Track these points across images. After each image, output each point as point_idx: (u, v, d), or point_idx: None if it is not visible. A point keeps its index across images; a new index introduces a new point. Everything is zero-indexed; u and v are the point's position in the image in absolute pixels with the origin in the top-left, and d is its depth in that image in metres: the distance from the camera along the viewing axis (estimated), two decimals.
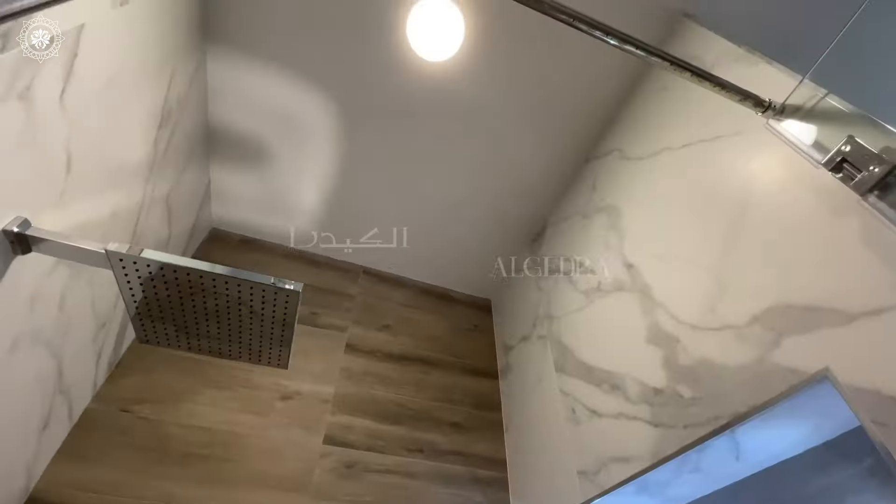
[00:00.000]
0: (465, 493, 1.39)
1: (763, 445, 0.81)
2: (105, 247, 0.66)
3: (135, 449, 1.15)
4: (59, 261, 0.88)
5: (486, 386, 1.72)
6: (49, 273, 0.86)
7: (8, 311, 0.78)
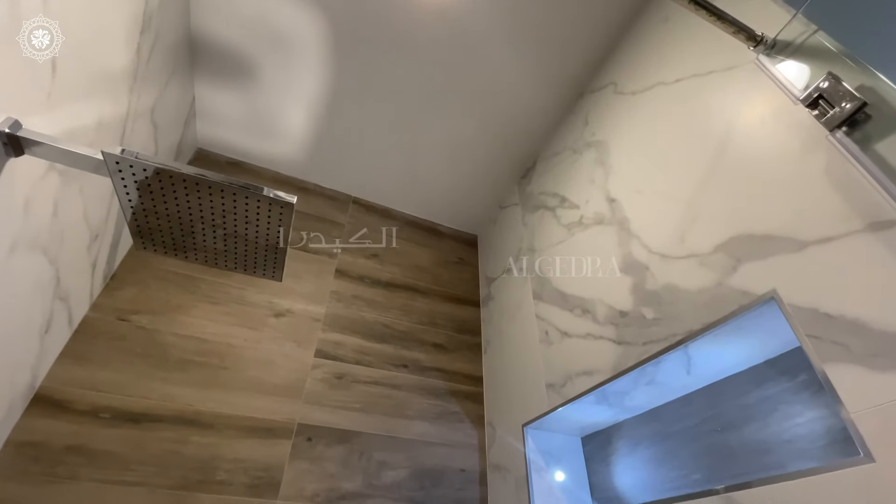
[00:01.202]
0: (443, 404, 1.52)
1: (712, 361, 0.91)
2: (102, 149, 0.67)
3: (134, 354, 1.22)
4: (51, 167, 0.88)
5: (467, 313, 1.82)
6: (41, 178, 0.86)
7: (4, 213, 0.80)
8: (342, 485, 1.25)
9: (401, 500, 1.29)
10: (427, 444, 1.42)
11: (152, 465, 1.09)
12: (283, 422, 1.27)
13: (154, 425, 1.14)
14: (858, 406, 0.57)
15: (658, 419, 1.10)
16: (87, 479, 1.03)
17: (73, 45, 0.85)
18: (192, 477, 1.11)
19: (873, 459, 0.54)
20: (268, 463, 1.20)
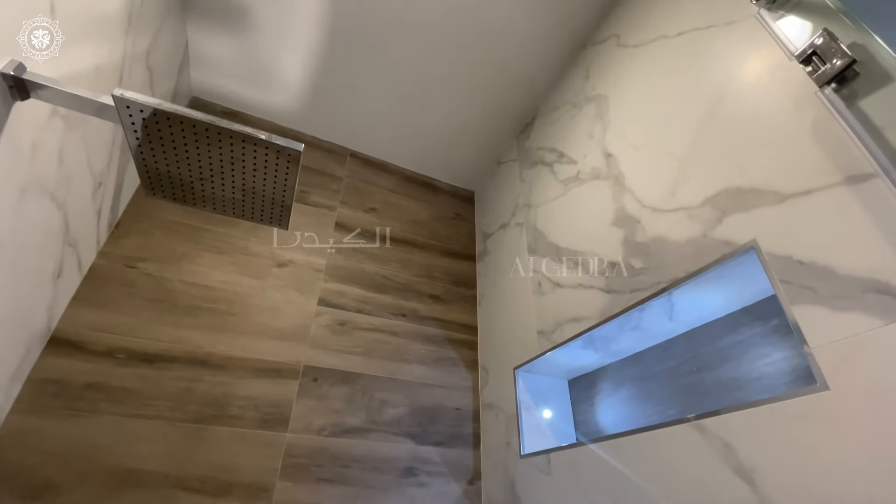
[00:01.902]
0: (440, 350, 1.61)
1: (692, 308, 0.98)
2: (113, 92, 0.67)
3: (144, 300, 1.27)
4: (55, 112, 0.89)
5: (464, 267, 1.87)
6: (46, 123, 0.87)
7: (13, 158, 0.81)
8: (346, 420, 1.34)
9: (401, 434, 1.40)
10: (425, 385, 1.52)
11: (168, 401, 1.17)
12: (290, 364, 1.35)
13: (167, 365, 1.21)
14: (819, 342, 0.63)
15: (640, 362, 1.18)
16: (107, 413, 1.11)
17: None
18: (207, 412, 1.19)
19: (828, 388, 0.61)
20: (277, 400, 1.28)
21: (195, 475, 1.11)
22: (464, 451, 1.46)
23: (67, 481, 1.01)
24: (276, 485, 1.18)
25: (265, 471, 1.18)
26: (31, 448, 1.02)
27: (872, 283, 0.59)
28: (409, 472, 1.35)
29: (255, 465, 1.18)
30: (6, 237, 0.85)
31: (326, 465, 1.26)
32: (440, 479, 1.38)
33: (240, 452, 1.18)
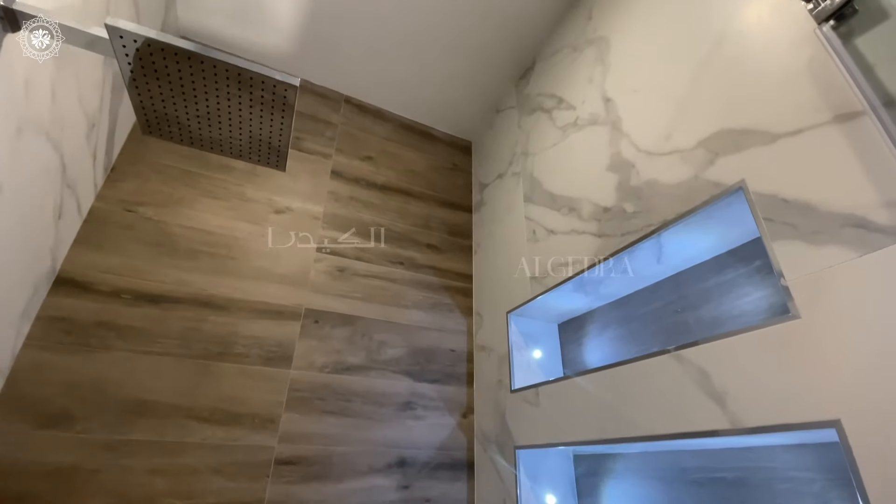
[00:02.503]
0: (436, 297, 1.66)
1: (680, 250, 1.01)
2: (106, 21, 0.66)
3: (145, 243, 1.29)
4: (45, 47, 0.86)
5: (460, 217, 1.89)
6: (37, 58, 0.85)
7: (8, 94, 0.80)
8: (347, 359, 1.41)
9: (399, 372, 1.47)
10: (422, 328, 1.58)
11: (175, 339, 1.22)
12: (292, 306, 1.40)
13: (172, 306, 1.25)
14: (794, 275, 0.67)
15: (627, 305, 1.24)
16: (118, 350, 1.16)
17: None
18: (213, 349, 1.25)
19: (799, 317, 0.66)
20: (280, 340, 1.34)
21: (205, 406, 1.18)
22: (458, 388, 1.55)
23: (83, 411, 1.08)
24: (283, 416, 1.26)
25: (271, 403, 1.26)
26: (45, 380, 1.07)
27: (851, 217, 0.63)
28: (407, 406, 1.44)
29: (262, 398, 1.25)
30: (6, 177, 0.85)
31: (329, 399, 1.34)
32: (436, 412, 1.47)
33: (246, 386, 1.25)
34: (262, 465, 1.19)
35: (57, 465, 1.02)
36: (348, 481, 1.27)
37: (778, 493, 0.81)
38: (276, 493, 1.17)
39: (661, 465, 1.04)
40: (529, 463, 1.25)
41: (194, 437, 1.14)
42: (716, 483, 0.91)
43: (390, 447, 1.36)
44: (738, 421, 0.70)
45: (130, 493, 1.05)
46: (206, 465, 1.13)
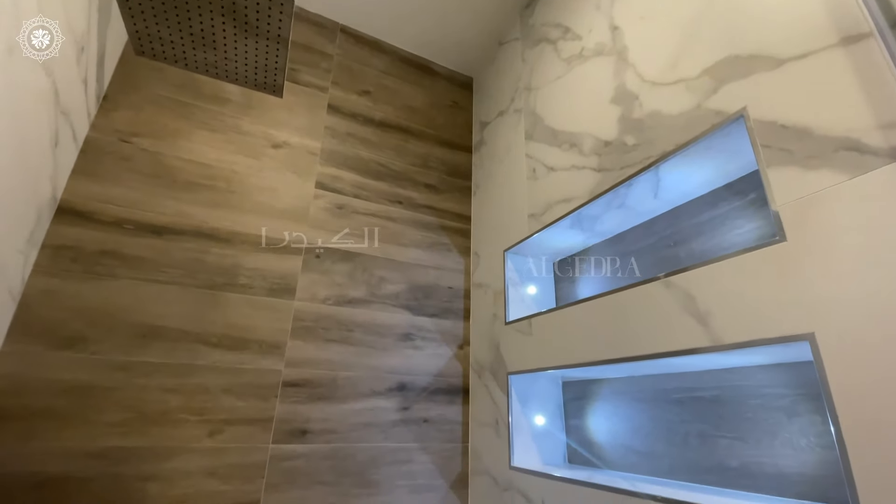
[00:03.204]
0: (434, 236, 1.69)
1: (678, 184, 1.02)
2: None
3: (143, 175, 1.29)
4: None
5: (459, 158, 1.88)
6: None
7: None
8: (349, 292, 1.46)
9: (398, 306, 1.53)
10: (420, 266, 1.62)
11: (180, 269, 1.25)
12: (293, 241, 1.42)
13: (175, 237, 1.27)
14: (785, 199, 0.69)
15: (622, 241, 1.26)
16: (125, 278, 1.19)
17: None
18: (218, 280, 1.28)
19: (786, 239, 0.68)
20: (283, 273, 1.37)
21: (213, 332, 1.24)
22: (455, 322, 1.61)
23: (96, 334, 1.12)
24: (288, 343, 1.32)
25: (277, 331, 1.31)
26: (57, 305, 1.11)
27: (845, 140, 0.64)
28: (407, 337, 1.50)
29: (268, 327, 1.30)
30: (2, 100, 0.84)
31: (332, 329, 1.40)
32: (433, 343, 1.54)
33: (252, 315, 1.29)
34: (270, 386, 1.26)
35: (74, 383, 1.08)
36: (352, 402, 1.35)
37: (749, 407, 0.88)
38: (284, 412, 1.26)
39: (643, 387, 1.12)
40: (520, 388, 1.33)
41: (204, 360, 1.21)
42: (694, 401, 0.99)
43: (391, 373, 1.44)
44: (718, 339, 0.75)
45: (146, 408, 1.12)
46: (217, 385, 1.20)
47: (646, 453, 1.07)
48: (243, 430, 1.19)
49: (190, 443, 1.13)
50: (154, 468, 1.09)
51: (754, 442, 0.85)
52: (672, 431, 1.02)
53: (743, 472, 0.86)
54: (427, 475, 1.39)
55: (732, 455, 0.89)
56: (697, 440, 0.96)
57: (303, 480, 1.22)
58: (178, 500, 1.09)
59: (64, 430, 1.04)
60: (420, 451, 1.40)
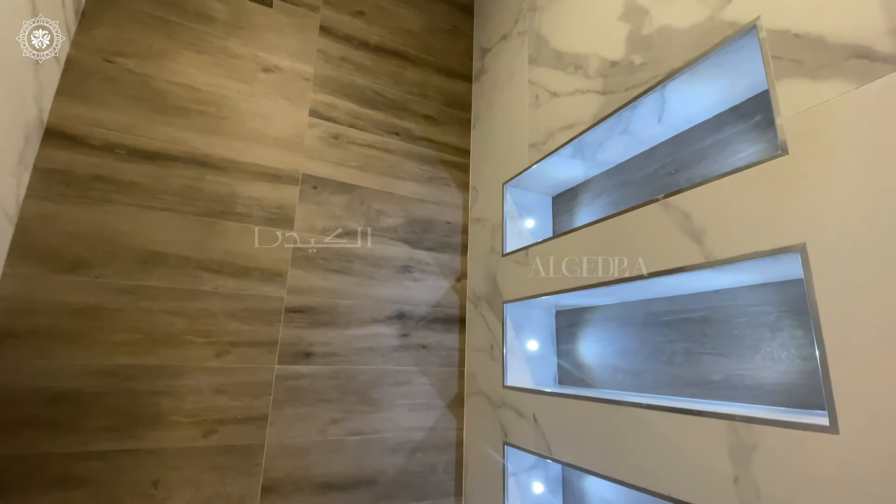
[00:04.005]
0: (433, 170, 1.67)
1: (683, 106, 1.00)
2: None
3: (131, 98, 1.24)
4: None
5: (459, 87, 1.81)
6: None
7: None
8: (347, 224, 1.46)
9: (397, 239, 1.54)
10: (418, 200, 1.61)
11: (176, 196, 1.24)
12: (288, 170, 1.40)
13: (169, 163, 1.25)
14: (791, 111, 0.68)
15: (622, 171, 1.25)
16: (121, 203, 1.18)
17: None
18: (215, 208, 1.28)
19: (787, 153, 0.68)
20: (280, 202, 1.37)
21: (214, 259, 1.25)
22: (453, 256, 1.63)
23: (98, 259, 1.13)
24: (289, 272, 1.34)
25: (277, 260, 1.33)
26: (55, 230, 1.11)
27: (857, 48, 0.61)
28: (406, 270, 1.53)
29: (268, 255, 1.32)
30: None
31: (332, 260, 1.41)
32: (432, 276, 1.57)
33: (251, 244, 1.30)
34: (273, 312, 1.30)
35: (81, 305, 1.10)
36: (353, 329, 1.40)
37: (735, 325, 0.92)
38: (288, 336, 1.30)
39: (634, 312, 1.16)
40: (515, 316, 1.38)
41: (207, 286, 1.23)
42: (682, 322, 1.03)
43: (390, 303, 1.48)
44: (711, 255, 0.76)
45: (153, 329, 1.16)
46: (221, 309, 1.23)
47: (632, 372, 1.13)
48: (249, 352, 1.24)
49: (198, 362, 1.18)
50: (165, 385, 1.14)
51: (737, 357, 0.90)
52: (658, 351, 1.07)
53: (724, 385, 0.91)
54: (426, 395, 1.47)
55: (716, 370, 0.94)
56: (683, 357, 1.01)
57: (308, 398, 1.29)
58: (190, 413, 1.15)
59: (74, 349, 1.08)
60: (419, 373, 1.47)
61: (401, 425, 1.41)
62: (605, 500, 1.15)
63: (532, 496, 1.26)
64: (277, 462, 1.22)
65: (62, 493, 1.01)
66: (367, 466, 1.33)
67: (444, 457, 1.45)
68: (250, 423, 1.21)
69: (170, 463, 1.11)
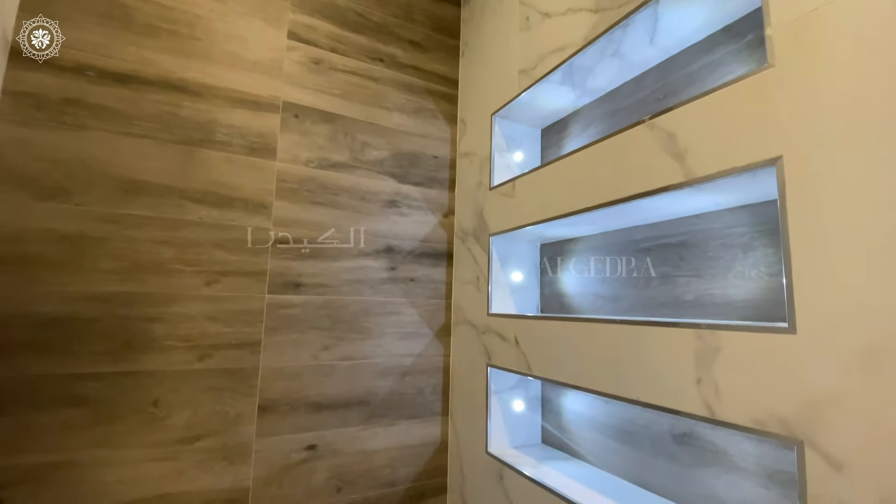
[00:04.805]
0: (420, 101, 1.62)
1: (675, 27, 0.96)
2: None
3: (96, 14, 1.16)
4: None
5: (447, 11, 1.72)
6: None
7: None
8: (331, 156, 1.43)
9: (383, 173, 1.52)
10: (405, 133, 1.58)
11: (153, 122, 1.20)
12: (268, 97, 1.35)
13: (143, 87, 1.19)
14: (781, 20, 0.66)
15: (612, 99, 1.23)
16: (95, 129, 1.14)
17: None
18: (195, 136, 1.24)
19: (774, 65, 0.67)
20: (261, 131, 1.33)
21: (196, 189, 1.23)
22: (440, 192, 1.63)
23: (78, 186, 1.11)
24: (274, 203, 1.33)
25: (261, 191, 1.31)
26: (31, 156, 1.07)
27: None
28: (392, 204, 1.53)
29: (252, 186, 1.30)
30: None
31: (317, 192, 1.40)
32: (419, 211, 1.57)
33: (234, 174, 1.28)
34: (261, 243, 1.30)
35: (64, 233, 1.09)
36: (342, 261, 1.42)
37: (711, 248, 0.95)
38: (276, 267, 1.32)
39: (615, 241, 1.19)
40: (501, 248, 1.40)
41: (192, 216, 1.22)
42: (661, 248, 1.06)
43: (378, 237, 1.49)
44: (691, 173, 0.77)
45: (141, 258, 1.16)
46: (207, 239, 1.23)
47: (610, 297, 1.18)
48: (239, 282, 1.26)
49: (188, 291, 1.20)
50: (157, 311, 1.16)
51: (710, 277, 0.94)
52: (637, 276, 1.11)
53: (695, 304, 0.96)
54: (414, 325, 1.52)
55: (689, 290, 0.98)
56: (659, 280, 1.05)
57: (300, 325, 1.33)
58: (183, 339, 1.19)
59: (62, 275, 1.08)
60: (407, 305, 1.52)
61: (390, 352, 1.47)
62: (580, 415, 1.24)
63: (513, 413, 1.36)
64: (272, 384, 1.28)
65: (65, 410, 1.06)
66: (359, 388, 1.40)
67: (431, 380, 1.53)
68: (244, 348, 1.25)
69: (168, 384, 1.16)
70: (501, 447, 1.31)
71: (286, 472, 1.28)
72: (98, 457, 1.08)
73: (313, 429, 1.32)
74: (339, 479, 1.34)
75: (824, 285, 0.59)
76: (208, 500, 1.18)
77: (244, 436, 1.23)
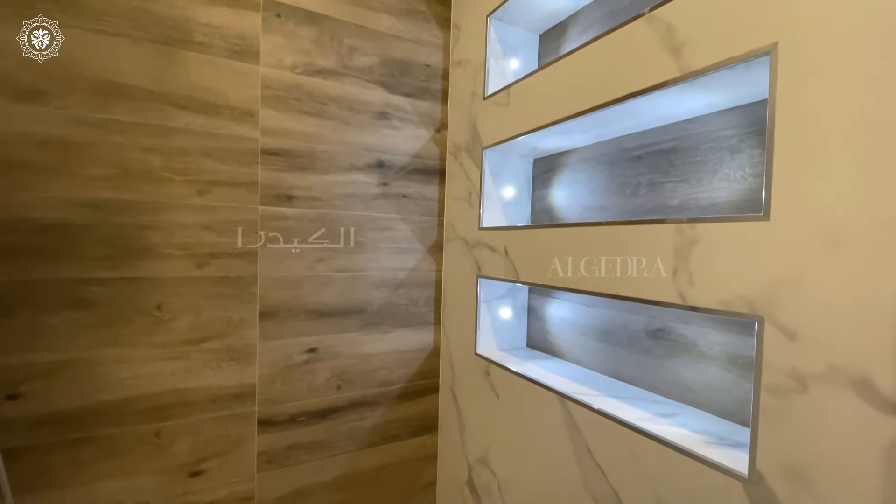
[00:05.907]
0: (410, 1, 1.51)
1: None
2: None
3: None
4: None
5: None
6: None
7: None
8: (317, 61, 1.37)
9: (372, 82, 1.46)
10: (395, 37, 1.49)
11: (125, 19, 1.12)
12: None
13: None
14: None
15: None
16: (66, 26, 1.07)
17: None
18: (172, 35, 1.17)
19: None
20: (242, 32, 1.25)
21: (179, 94, 1.19)
22: (433, 104, 1.58)
23: (55, 88, 1.07)
24: (260, 111, 1.29)
25: (247, 98, 1.27)
26: (1, 52, 1.02)
27: None
28: (383, 116, 1.49)
29: (236, 92, 1.25)
30: None
31: (304, 100, 1.35)
32: (410, 124, 1.54)
33: (217, 78, 1.23)
34: (250, 153, 1.28)
35: (47, 137, 1.06)
36: (333, 175, 1.41)
37: (701, 151, 0.95)
38: (267, 178, 1.31)
39: (607, 150, 1.18)
40: (494, 163, 1.39)
41: (177, 123, 1.19)
42: (652, 154, 1.06)
43: (369, 150, 1.47)
44: (687, 67, 0.76)
45: (129, 166, 1.14)
46: (196, 148, 1.21)
47: (599, 207, 1.20)
48: (230, 192, 1.26)
49: (180, 200, 1.20)
50: (151, 220, 1.17)
51: (696, 182, 0.96)
52: (625, 185, 1.12)
53: (679, 209, 0.99)
54: (407, 241, 1.55)
55: (675, 196, 1.00)
56: (647, 188, 1.07)
57: (295, 238, 1.36)
58: (180, 247, 1.21)
59: (51, 181, 1.07)
60: (400, 221, 1.54)
61: (385, 265, 1.51)
62: (563, 319, 1.31)
63: (500, 320, 1.44)
64: (271, 292, 1.33)
65: (72, 312, 1.11)
66: (355, 298, 1.46)
67: (424, 293, 1.59)
68: (241, 257, 1.28)
69: (169, 290, 1.20)
70: (489, 349, 1.41)
71: (289, 371, 1.37)
72: (109, 355, 1.15)
73: (313, 333, 1.40)
74: (339, 378, 1.45)
75: (803, 173, 0.61)
76: (218, 395, 1.27)
77: (248, 339, 1.30)
